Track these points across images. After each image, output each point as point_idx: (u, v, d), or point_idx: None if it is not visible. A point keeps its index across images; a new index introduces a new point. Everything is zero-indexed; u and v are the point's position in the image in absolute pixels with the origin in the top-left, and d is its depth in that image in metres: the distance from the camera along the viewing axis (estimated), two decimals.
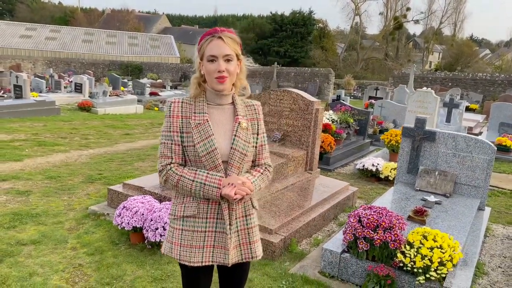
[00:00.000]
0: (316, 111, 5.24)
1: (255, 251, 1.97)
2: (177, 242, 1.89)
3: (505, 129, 10.50)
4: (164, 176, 1.85)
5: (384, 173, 6.42)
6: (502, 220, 5.12)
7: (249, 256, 1.95)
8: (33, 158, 7.02)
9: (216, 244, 1.87)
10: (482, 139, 4.66)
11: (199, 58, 1.86)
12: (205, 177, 1.80)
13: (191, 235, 1.86)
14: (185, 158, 1.88)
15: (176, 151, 1.85)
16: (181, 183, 1.82)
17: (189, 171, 1.83)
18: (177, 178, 1.82)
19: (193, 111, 1.85)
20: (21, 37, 38.17)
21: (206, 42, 1.82)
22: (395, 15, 47.83)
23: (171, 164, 1.85)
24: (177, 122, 1.85)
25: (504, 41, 71.87)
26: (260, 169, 1.99)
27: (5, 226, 4.10)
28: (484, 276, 3.64)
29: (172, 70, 32.22)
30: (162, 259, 3.54)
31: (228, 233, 1.86)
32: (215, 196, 1.80)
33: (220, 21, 73.79)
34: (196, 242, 1.86)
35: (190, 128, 1.83)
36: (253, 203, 1.98)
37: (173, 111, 1.86)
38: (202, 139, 1.81)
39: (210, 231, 1.87)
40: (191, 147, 1.82)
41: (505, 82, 20.98)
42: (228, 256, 1.87)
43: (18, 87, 13.00)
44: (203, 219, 1.86)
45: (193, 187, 1.80)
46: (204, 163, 1.82)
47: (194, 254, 1.85)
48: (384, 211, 3.36)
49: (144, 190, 4.45)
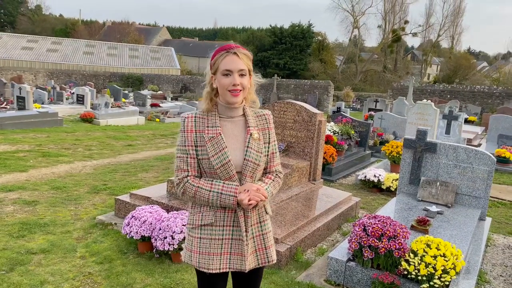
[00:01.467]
0: (319, 122, 5.35)
1: (271, 255, 2.04)
2: (196, 250, 1.95)
3: (504, 141, 10.62)
4: (182, 188, 1.92)
5: (386, 184, 6.50)
6: (503, 230, 5.20)
7: (266, 260, 2.03)
8: (38, 169, 7.09)
9: (233, 251, 1.95)
10: (482, 150, 4.76)
11: (212, 72, 1.94)
12: (221, 187, 1.88)
13: (209, 243, 1.93)
14: (201, 170, 1.96)
15: (192, 164, 1.93)
16: (198, 194, 1.89)
17: (205, 182, 1.91)
18: (195, 190, 1.89)
19: (206, 125, 1.93)
20: (23, 49, 38.49)
21: (221, 57, 1.90)
22: (393, 28, 48.33)
23: (187, 177, 1.92)
24: (191, 136, 1.92)
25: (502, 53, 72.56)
26: (271, 176, 2.06)
27: (14, 236, 4.17)
28: (486, 284, 3.71)
29: (173, 81, 32.46)
30: (170, 268, 3.60)
31: (245, 240, 1.93)
32: (232, 204, 1.87)
33: (219, 33, 74.37)
34: (214, 249, 1.93)
35: (204, 141, 1.90)
36: (267, 209, 2.06)
37: (187, 126, 1.93)
38: (216, 152, 1.89)
39: (227, 238, 1.94)
40: (206, 160, 1.90)
41: (503, 94, 21.20)
42: (246, 263, 1.94)
43: (21, 99, 13.12)
44: (220, 227, 1.93)
45: (210, 197, 1.88)
46: (219, 175, 1.90)
47: (213, 261, 1.93)
48: (388, 220, 3.43)
49: (151, 200, 4.52)
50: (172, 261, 3.70)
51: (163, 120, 15.97)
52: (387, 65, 47.97)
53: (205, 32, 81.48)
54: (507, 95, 21.03)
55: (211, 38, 73.15)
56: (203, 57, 55.71)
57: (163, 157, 8.88)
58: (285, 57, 46.65)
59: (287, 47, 46.71)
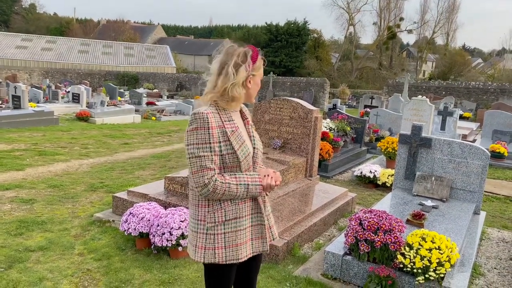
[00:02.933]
0: (315, 119, 5.38)
1: (274, 233, 2.20)
2: (221, 246, 1.97)
3: (499, 136, 10.70)
4: (212, 187, 1.88)
5: (381, 179, 6.55)
6: (497, 224, 5.26)
7: (271, 238, 2.17)
8: (35, 168, 7.09)
9: (254, 236, 2.08)
10: (476, 145, 4.81)
11: (253, 73, 2.01)
12: (246, 179, 1.97)
13: (235, 235, 1.99)
14: (220, 166, 1.95)
15: (216, 161, 1.92)
16: (227, 191, 1.91)
17: (231, 177, 1.94)
18: (225, 187, 1.90)
19: (223, 120, 1.97)
20: (17, 48, 38.27)
21: (262, 63, 2.07)
22: (389, 25, 48.48)
23: (215, 176, 1.90)
24: (216, 132, 1.91)
25: (496, 50, 72.93)
26: (261, 163, 2.20)
27: (12, 233, 4.18)
28: (481, 276, 3.76)
29: (168, 80, 32.41)
30: (168, 263, 3.63)
31: (266, 223, 2.10)
32: (259, 193, 2.00)
33: (215, 31, 74.33)
34: (241, 239, 2.01)
35: (226, 136, 1.93)
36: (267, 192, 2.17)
37: (211, 122, 1.90)
38: (239, 145, 1.97)
39: (248, 226, 2.05)
40: (231, 154, 1.93)
41: (498, 90, 21.32)
42: (267, 244, 2.10)
43: (17, 98, 13.06)
44: (243, 218, 2.02)
45: (238, 190, 1.94)
46: (241, 167, 1.98)
47: (241, 251, 2.01)
48: (384, 214, 3.48)
49: (149, 197, 4.54)
50: (170, 257, 3.73)
51: (159, 118, 15.96)
52: (383, 62, 48.12)
53: (200, 30, 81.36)
54: (502, 91, 21.16)
55: (207, 36, 73.08)
56: (198, 55, 55.79)
57: (160, 155, 8.89)
58: (281, 54, 46.67)
59: (283, 45, 46.74)
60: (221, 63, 1.97)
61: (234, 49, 1.98)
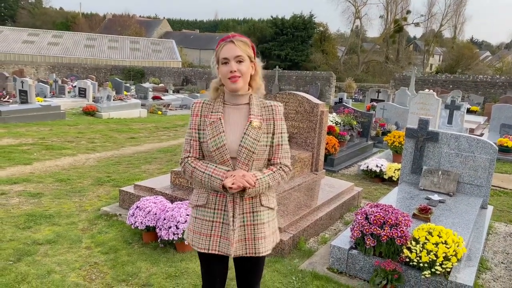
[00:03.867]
0: (321, 113, 5.36)
1: (259, 247, 2.01)
2: (192, 228, 2.09)
3: (506, 130, 10.61)
4: (182, 167, 2.05)
5: (388, 173, 6.53)
6: (505, 219, 5.23)
7: (253, 251, 2.02)
8: (42, 162, 7.14)
9: (223, 235, 2.01)
10: (483, 139, 4.77)
11: (215, 63, 2.03)
12: (212, 170, 1.96)
13: (201, 223, 2.04)
14: (203, 153, 2.06)
15: (194, 146, 2.04)
16: (194, 174, 2.00)
17: (201, 164, 2.00)
18: (191, 170, 2.01)
19: (210, 111, 2.03)
20: (24, 43, 38.46)
21: (220, 47, 1.98)
22: (395, 18, 48.05)
23: (188, 158, 2.04)
24: (195, 120, 2.04)
25: (505, 43, 72.10)
26: (273, 168, 2.03)
27: (21, 227, 4.22)
28: (488, 271, 3.75)
29: (174, 74, 32.41)
30: (175, 257, 3.65)
31: (231, 225, 1.97)
32: (218, 187, 1.94)
33: (220, 25, 74.04)
34: (204, 230, 2.03)
35: (205, 125, 2.01)
36: (262, 200, 2.03)
37: (193, 110, 2.07)
38: (214, 135, 1.97)
39: (218, 221, 2.01)
40: (205, 143, 2.00)
41: (506, 84, 21.10)
42: (231, 248, 1.97)
43: (24, 92, 13.14)
44: (211, 210, 2.02)
45: (203, 178, 1.97)
46: (214, 158, 1.98)
47: (202, 241, 2.02)
48: (390, 208, 3.47)
49: (155, 191, 4.57)
50: (176, 251, 3.75)
51: (165, 112, 15.99)
52: (389, 56, 47.77)
53: (206, 24, 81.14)
54: (510, 85, 20.94)
55: (212, 30, 72.89)
56: (204, 49, 55.71)
57: (166, 149, 8.92)
58: (287, 48, 46.46)
59: (289, 38, 46.51)
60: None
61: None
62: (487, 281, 3.57)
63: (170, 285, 3.21)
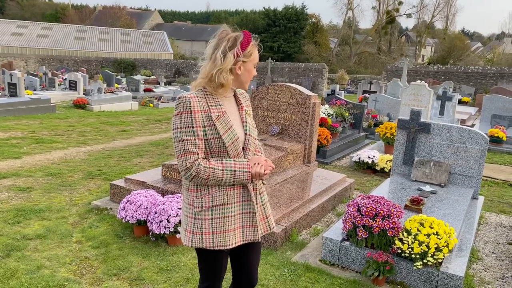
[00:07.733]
0: (313, 105, 5.34)
1: (271, 223, 2.16)
2: (209, 231, 1.95)
3: (497, 121, 10.66)
4: (194, 171, 1.87)
5: (380, 165, 6.54)
6: (495, 209, 5.27)
7: (267, 228, 2.13)
8: (32, 156, 7.05)
9: (245, 224, 2.03)
10: (475, 130, 4.78)
11: (244, 59, 1.95)
12: (233, 165, 1.92)
13: (223, 221, 1.96)
14: (207, 151, 1.94)
15: (200, 145, 1.90)
16: (212, 176, 1.89)
17: (216, 162, 1.91)
18: (209, 172, 1.88)
19: (209, 105, 1.94)
20: (13, 35, 37.82)
21: (255, 48, 1.99)
22: (388, 9, 47.97)
23: (198, 160, 1.89)
24: (199, 116, 1.89)
25: (496, 34, 72.42)
26: (257, 148, 2.17)
27: (10, 222, 4.17)
28: (479, 261, 3.78)
29: (166, 66, 32.15)
30: (166, 251, 3.63)
31: (256, 211, 2.03)
32: (246, 180, 1.94)
33: (212, 16, 73.54)
34: (229, 226, 1.97)
35: (211, 121, 1.91)
36: (263, 180, 2.14)
37: (193, 106, 1.89)
38: (226, 130, 1.93)
39: (238, 213, 2.00)
40: (216, 139, 1.91)
41: (497, 74, 21.22)
42: (258, 232, 2.04)
43: (13, 85, 12.94)
44: (231, 205, 1.98)
45: (224, 176, 1.90)
46: (228, 153, 1.94)
47: (229, 238, 1.97)
48: (382, 200, 3.46)
49: (146, 184, 4.53)
50: (168, 244, 3.73)
51: (157, 105, 15.87)
52: (381, 47, 47.79)
53: (197, 16, 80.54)
54: (501, 76, 21.06)
55: (204, 21, 72.33)
56: (196, 41, 55.33)
57: (158, 142, 8.85)
58: (279, 40, 46.28)
59: (281, 30, 46.32)
60: (213, 48, 1.95)
61: (226, 34, 1.95)
62: (478, 271, 3.59)
63: (162, 279, 3.19)
